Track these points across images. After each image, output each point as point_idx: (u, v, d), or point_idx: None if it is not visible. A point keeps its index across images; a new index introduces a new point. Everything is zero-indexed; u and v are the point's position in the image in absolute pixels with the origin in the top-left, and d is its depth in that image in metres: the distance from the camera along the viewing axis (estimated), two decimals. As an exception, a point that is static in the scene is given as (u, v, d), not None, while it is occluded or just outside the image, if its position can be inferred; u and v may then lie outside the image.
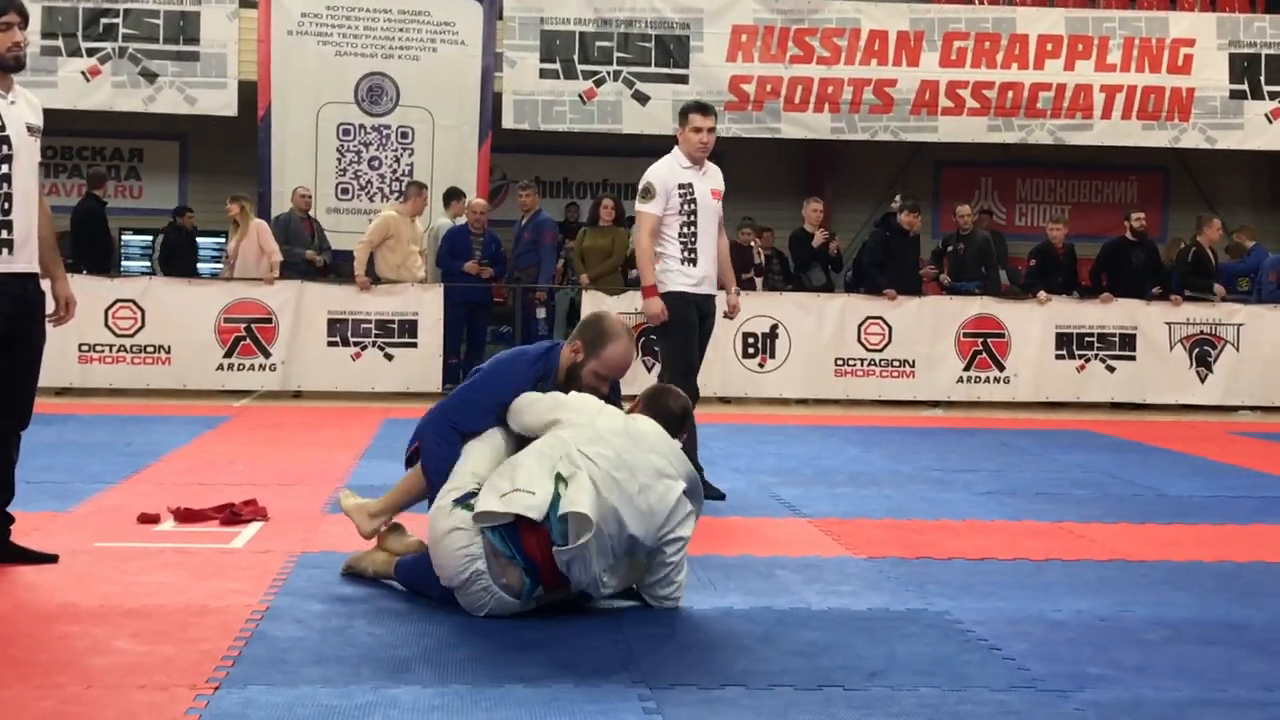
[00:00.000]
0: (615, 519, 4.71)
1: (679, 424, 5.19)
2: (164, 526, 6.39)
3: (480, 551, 4.73)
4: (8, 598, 4.99)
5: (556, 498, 4.67)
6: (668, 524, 4.82)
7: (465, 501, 4.81)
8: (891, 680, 4.22)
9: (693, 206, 7.51)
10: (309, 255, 13.76)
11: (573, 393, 5.10)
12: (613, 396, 5.34)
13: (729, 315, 8.00)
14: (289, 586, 5.23)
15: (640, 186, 7.56)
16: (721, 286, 7.85)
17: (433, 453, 5.14)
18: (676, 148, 7.62)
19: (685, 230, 7.52)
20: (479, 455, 5.02)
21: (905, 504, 7.52)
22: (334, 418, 11.36)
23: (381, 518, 5.42)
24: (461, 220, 13.84)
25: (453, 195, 14.37)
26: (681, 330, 7.54)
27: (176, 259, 15.16)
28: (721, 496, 7.33)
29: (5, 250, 5.26)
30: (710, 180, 7.64)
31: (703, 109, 7.66)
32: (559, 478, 4.70)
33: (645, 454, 4.83)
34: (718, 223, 7.66)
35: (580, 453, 4.75)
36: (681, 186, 7.51)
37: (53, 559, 5.51)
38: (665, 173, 7.55)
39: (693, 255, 7.52)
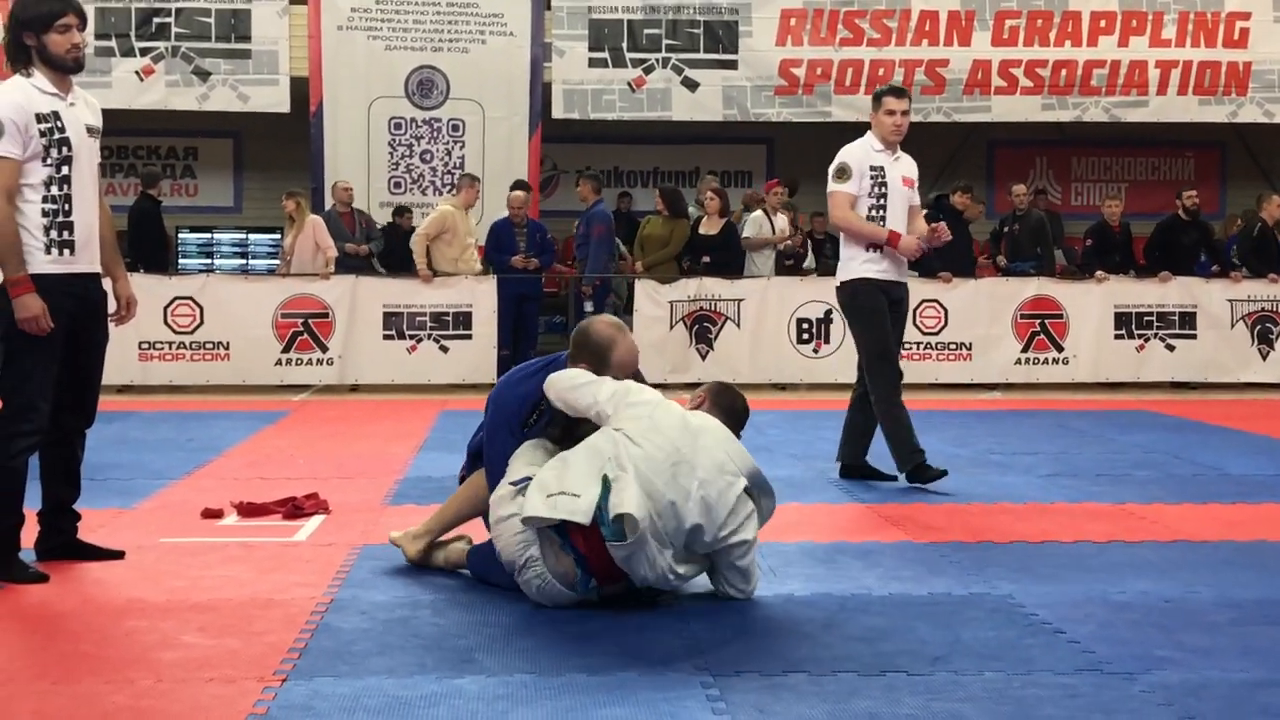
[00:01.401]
0: (673, 513, 4.70)
1: (741, 421, 5.17)
2: (227, 521, 6.46)
3: (534, 538, 4.74)
4: (77, 594, 5.06)
5: (604, 499, 4.65)
6: (730, 522, 4.80)
7: (523, 488, 4.83)
8: (955, 665, 4.20)
9: (883, 190, 7.42)
10: (350, 248, 13.82)
11: (632, 382, 5.07)
12: None
13: (935, 238, 7.71)
14: (352, 579, 5.28)
15: (834, 167, 7.47)
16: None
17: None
18: (870, 132, 7.55)
19: (874, 215, 7.41)
20: (531, 451, 5.04)
21: (965, 488, 7.47)
22: (391, 410, 11.43)
23: (427, 537, 5.44)
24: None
25: (519, 187, 14.44)
26: (871, 316, 7.48)
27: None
28: (943, 474, 7.36)
29: (67, 251, 5.31)
30: (902, 167, 7.56)
31: (896, 92, 7.59)
32: (605, 480, 4.68)
33: (705, 449, 4.82)
34: (907, 209, 7.56)
35: (632, 445, 4.72)
36: (873, 169, 7.42)
37: (119, 555, 5.58)
38: (859, 154, 7.46)
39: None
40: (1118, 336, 13.55)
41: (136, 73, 14.90)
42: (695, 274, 13.47)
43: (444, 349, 13.16)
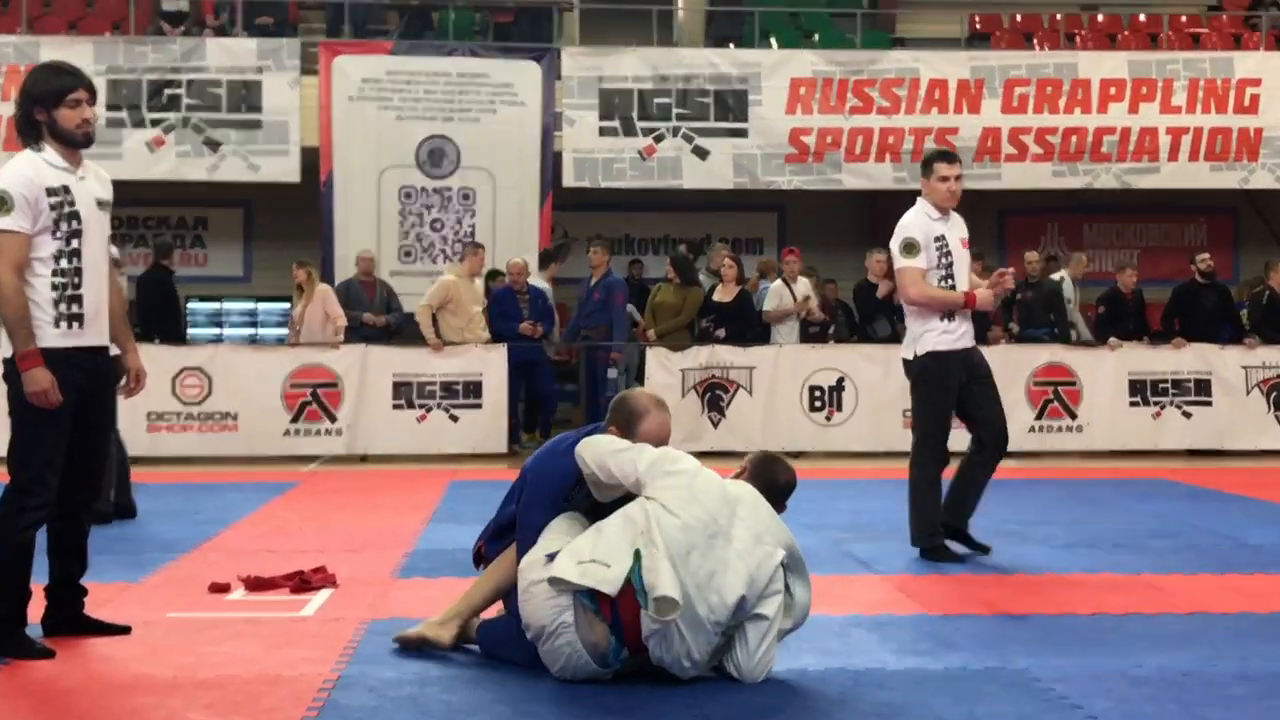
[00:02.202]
0: (711, 584, 4.61)
1: (784, 495, 5.09)
2: (235, 595, 6.40)
3: (570, 603, 4.66)
4: (83, 669, 5.00)
5: (636, 571, 4.58)
6: (765, 590, 4.73)
7: (551, 556, 4.77)
8: (973, 742, 4.13)
9: (949, 259, 7.29)
10: (366, 318, 13.81)
11: (671, 449, 5.01)
12: None
13: (1001, 284, 7.51)
14: (360, 654, 5.21)
15: (900, 242, 7.30)
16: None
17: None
18: (921, 199, 7.40)
19: (944, 284, 7.27)
20: (566, 522, 4.98)
21: (980, 559, 7.39)
22: (401, 481, 11.38)
23: (456, 621, 5.26)
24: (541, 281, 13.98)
25: (549, 257, 14.47)
26: (938, 393, 7.35)
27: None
28: (986, 550, 7.30)
29: (76, 324, 5.29)
30: (957, 229, 7.42)
31: (948, 157, 7.45)
32: (636, 554, 4.62)
33: (742, 519, 4.76)
34: (967, 270, 7.45)
35: (668, 515, 4.64)
36: (937, 239, 7.28)
37: (125, 630, 5.52)
38: (922, 225, 7.30)
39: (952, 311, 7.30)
40: (1133, 404, 13.47)
41: (147, 144, 15.00)
42: (708, 341, 13.45)
43: (454, 418, 13.13)
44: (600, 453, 4.92)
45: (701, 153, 15.53)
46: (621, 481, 4.87)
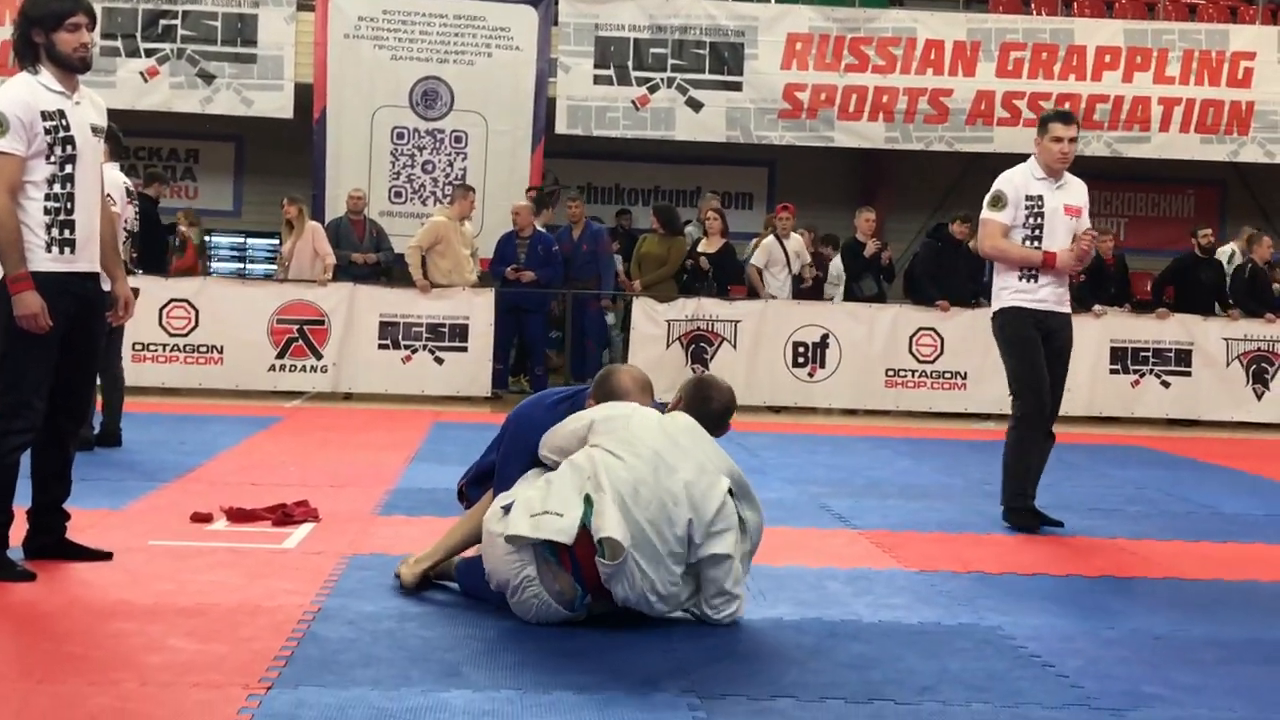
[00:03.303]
0: (665, 515, 4.70)
1: (721, 419, 5.13)
2: (217, 526, 6.44)
3: (530, 558, 4.72)
4: (63, 594, 5.04)
5: (588, 516, 4.65)
6: (717, 521, 4.79)
7: (508, 507, 4.83)
8: (943, 695, 4.19)
9: (1039, 220, 7.09)
10: (355, 257, 13.78)
11: (608, 404, 5.07)
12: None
13: (1081, 250, 7.21)
14: (340, 588, 5.26)
15: (990, 195, 7.19)
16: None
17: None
18: (1033, 157, 7.21)
19: (1029, 246, 7.11)
20: (535, 477, 5.02)
21: (957, 517, 7.47)
22: (384, 420, 11.41)
23: (426, 563, 5.32)
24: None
25: (540, 203, 14.44)
26: (1021, 346, 7.16)
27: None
28: (1058, 524, 7.08)
29: (68, 249, 5.30)
30: (1066, 194, 7.19)
31: (1064, 118, 7.20)
32: (587, 499, 4.68)
33: (684, 450, 4.83)
34: (1069, 236, 7.15)
35: (612, 459, 4.73)
36: (1030, 199, 7.10)
37: (107, 556, 5.55)
38: (1019, 183, 7.15)
39: (1034, 270, 7.13)
40: (1113, 371, 13.54)
41: (141, 73, 14.91)
42: (693, 293, 13.48)
43: (439, 360, 13.14)
44: (554, 438, 5.00)
45: (695, 105, 15.49)
46: (575, 444, 4.93)
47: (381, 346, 13.09)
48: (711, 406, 5.12)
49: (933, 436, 11.70)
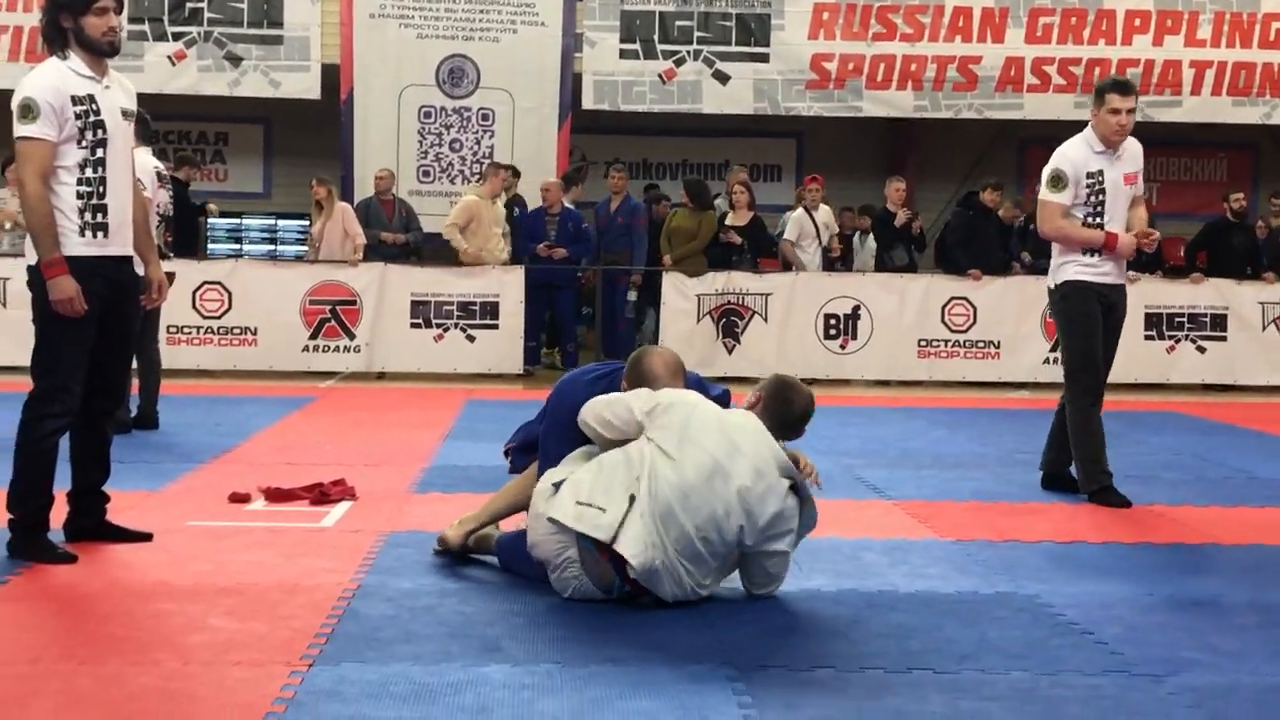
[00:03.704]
0: (716, 528, 4.63)
1: (800, 423, 5.01)
2: (254, 506, 6.48)
3: (572, 541, 4.71)
4: (105, 575, 5.08)
5: (628, 515, 4.59)
6: (774, 524, 4.74)
7: (559, 485, 4.81)
8: (982, 664, 4.19)
9: (1101, 197, 6.92)
10: (384, 237, 13.80)
11: (667, 390, 4.95)
12: (702, 388, 5.24)
13: (1146, 242, 7.12)
14: (378, 565, 5.28)
15: (1049, 173, 7.00)
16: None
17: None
18: (1088, 129, 7.02)
19: (1090, 223, 6.94)
20: (581, 455, 4.99)
21: (992, 487, 7.45)
22: (417, 399, 11.44)
23: (471, 524, 5.37)
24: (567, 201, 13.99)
25: (570, 180, 14.44)
26: (1080, 323, 7.02)
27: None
28: (1127, 503, 6.90)
29: (100, 233, 5.32)
30: (1124, 164, 7.01)
31: (1122, 88, 6.93)
32: (631, 498, 4.62)
33: (743, 454, 4.71)
34: (1128, 205, 7.04)
35: (664, 460, 4.63)
36: (1090, 175, 6.93)
37: (147, 537, 5.60)
38: (1078, 160, 6.95)
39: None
40: (1148, 337, 13.45)
41: (169, 57, 14.93)
42: (724, 267, 13.45)
43: (470, 338, 13.17)
44: (597, 410, 4.91)
45: (722, 77, 15.43)
46: (624, 429, 4.84)
47: (414, 325, 13.12)
48: (792, 409, 4.99)
49: (966, 406, 11.66)
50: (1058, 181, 6.97)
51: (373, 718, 3.60)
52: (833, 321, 13.39)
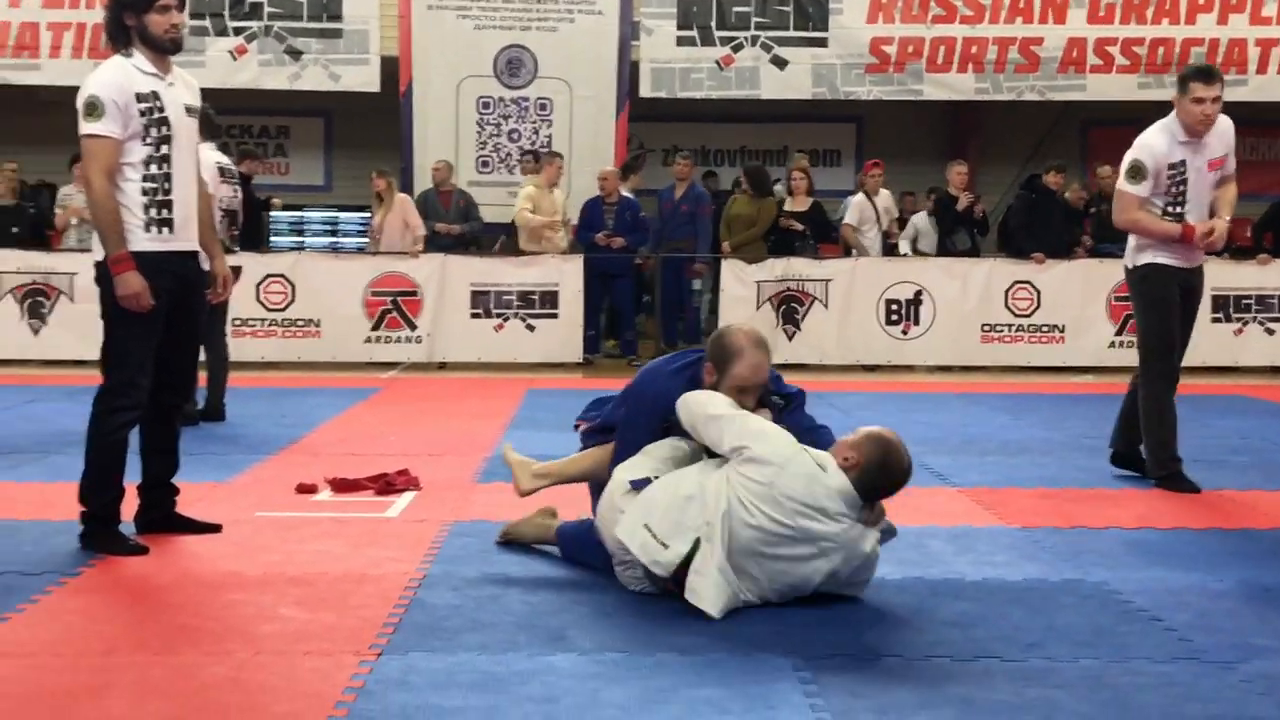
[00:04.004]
0: (786, 581, 4.56)
1: (888, 494, 4.70)
2: (321, 496, 6.54)
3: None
4: (175, 567, 5.15)
5: (690, 557, 4.51)
6: (856, 574, 4.65)
7: (639, 487, 4.74)
8: (1049, 652, 4.16)
9: (1182, 187, 6.78)
10: (438, 227, 13.86)
11: (770, 425, 4.75)
12: (777, 386, 5.11)
13: (1205, 245, 6.93)
14: (444, 555, 5.32)
15: (1127, 163, 6.86)
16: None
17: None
18: (1172, 117, 6.83)
19: (1170, 211, 6.81)
20: (665, 448, 4.92)
21: (1058, 472, 7.39)
22: (479, 388, 11.50)
23: (545, 481, 5.33)
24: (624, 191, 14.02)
25: (629, 169, 14.47)
26: (1158, 306, 6.92)
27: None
28: (1197, 489, 6.81)
29: (166, 229, 5.37)
30: (1209, 150, 6.84)
31: (1206, 76, 6.75)
32: (696, 541, 4.51)
33: (828, 526, 4.54)
34: (1213, 188, 6.90)
35: (744, 512, 4.47)
36: (1173, 167, 6.77)
37: (216, 529, 5.66)
38: (1160, 151, 6.79)
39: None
40: (1215, 320, 13.28)
41: (230, 52, 15.08)
42: (783, 254, 13.42)
43: (530, 328, 13.22)
44: (694, 414, 4.78)
45: (780, 62, 15.37)
46: (713, 448, 4.72)
47: (474, 315, 13.19)
48: (890, 478, 4.64)
49: (1031, 391, 11.57)
50: (1137, 173, 6.82)
51: (440, 707, 3.62)
52: (894, 307, 13.33)
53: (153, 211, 5.34)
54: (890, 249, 14.02)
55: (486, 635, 4.26)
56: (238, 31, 15.08)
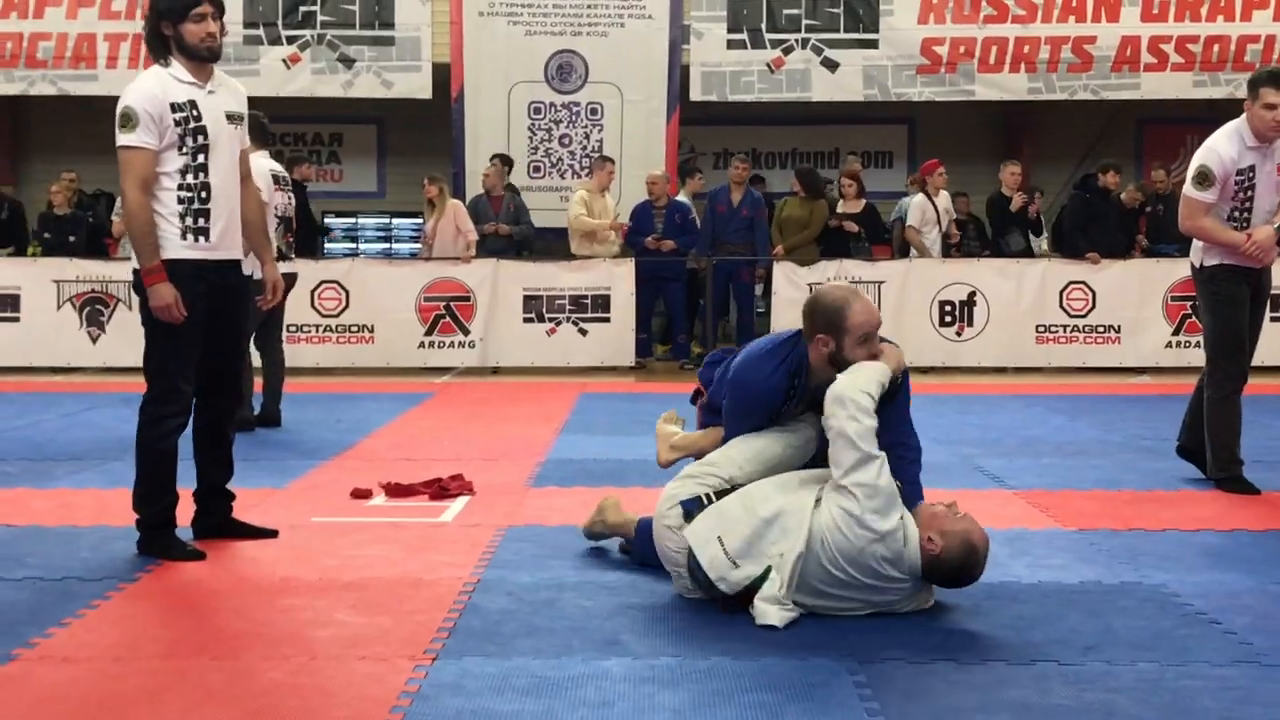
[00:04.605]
0: (836, 609, 4.55)
1: (965, 584, 4.59)
2: (375, 501, 6.57)
3: (689, 566, 4.66)
4: (232, 572, 5.19)
5: (759, 582, 4.47)
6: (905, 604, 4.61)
7: (690, 512, 4.67)
8: (1107, 655, 4.12)
9: (1249, 193, 6.70)
10: (486, 228, 13.88)
11: (886, 480, 4.50)
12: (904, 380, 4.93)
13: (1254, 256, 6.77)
14: (498, 559, 5.33)
15: (1195, 169, 6.74)
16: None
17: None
18: (1241, 121, 6.71)
19: (1236, 216, 6.74)
20: (740, 453, 4.82)
21: (1115, 474, 7.33)
22: (532, 393, 11.53)
23: (679, 454, 5.28)
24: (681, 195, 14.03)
25: (685, 172, 14.50)
26: (1227, 306, 6.82)
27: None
28: (1256, 491, 6.72)
29: (203, 237, 5.37)
30: (1277, 155, 6.73)
31: (1277, 80, 6.58)
32: (767, 569, 4.46)
33: (891, 585, 4.49)
34: (1276, 195, 6.78)
35: (821, 551, 4.42)
36: (1240, 173, 6.67)
37: (273, 534, 5.70)
38: (1229, 158, 6.67)
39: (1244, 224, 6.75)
40: (1275, 319, 13.09)
41: (283, 60, 15.20)
42: (835, 256, 13.38)
43: (583, 332, 13.25)
44: (838, 421, 4.51)
45: (831, 64, 15.34)
46: (831, 461, 4.56)
47: (526, 320, 13.24)
48: (973, 574, 4.54)
49: (1087, 393, 11.48)
50: (1204, 180, 6.71)
51: (495, 711, 3.63)
52: (948, 308, 13.26)
53: (189, 220, 5.34)
54: (949, 250, 13.93)
55: (541, 640, 4.27)
56: (291, 40, 15.21)
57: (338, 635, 4.31)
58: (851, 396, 4.53)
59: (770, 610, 4.43)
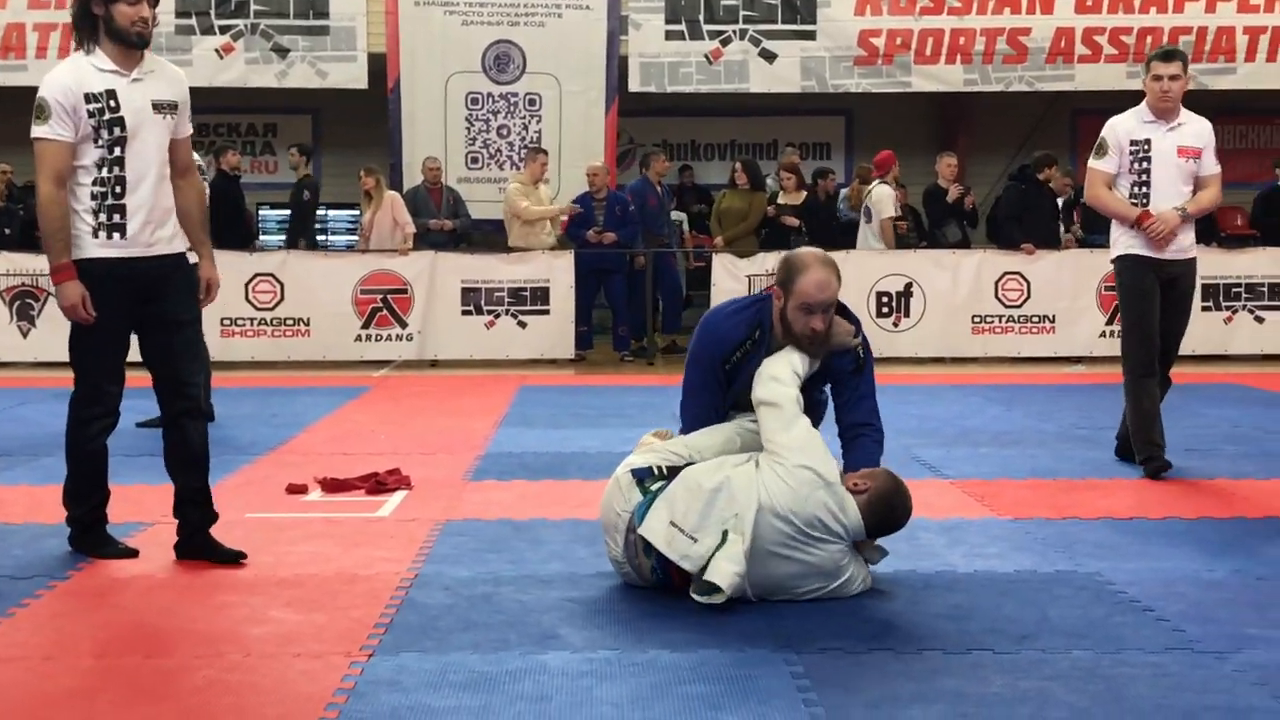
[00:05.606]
0: (773, 579, 4.59)
1: (888, 532, 4.79)
2: (311, 496, 6.52)
3: (627, 527, 4.71)
4: (166, 569, 5.13)
5: (717, 550, 4.51)
6: (840, 590, 4.66)
7: (641, 480, 4.72)
8: (1042, 644, 4.16)
9: (1145, 165, 6.90)
10: (431, 224, 13.83)
11: (815, 437, 4.73)
12: (865, 350, 5.07)
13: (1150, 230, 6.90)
14: (435, 554, 5.30)
15: (1098, 141, 7.06)
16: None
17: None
18: (1144, 101, 7.02)
19: (1136, 192, 6.92)
20: (702, 440, 4.90)
21: (1050, 463, 7.39)
22: (471, 386, 11.47)
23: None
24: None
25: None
26: (1129, 294, 6.98)
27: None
28: (1169, 465, 6.87)
29: (117, 234, 5.12)
30: (1181, 135, 6.96)
31: (1165, 55, 6.95)
32: (724, 535, 4.51)
33: (830, 539, 4.59)
34: (1187, 180, 6.96)
35: (772, 501, 4.52)
36: (1135, 143, 6.93)
37: (240, 558, 5.24)
38: (1123, 128, 6.97)
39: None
40: (1205, 309, 13.27)
41: (216, 50, 15.03)
42: (775, 247, 13.40)
43: (522, 324, 13.19)
44: (759, 389, 4.78)
45: (769, 56, 15.36)
46: (761, 432, 4.74)
47: (465, 313, 13.17)
48: (893, 519, 4.74)
49: (1022, 382, 11.57)
50: (1099, 149, 7.04)
51: (432, 707, 3.61)
52: (885, 299, 13.32)
53: (103, 216, 5.09)
54: (901, 242, 13.98)
55: (478, 634, 4.25)
56: (224, 29, 15.03)
57: (273, 632, 4.27)
58: (772, 373, 4.79)
59: (724, 568, 4.43)
